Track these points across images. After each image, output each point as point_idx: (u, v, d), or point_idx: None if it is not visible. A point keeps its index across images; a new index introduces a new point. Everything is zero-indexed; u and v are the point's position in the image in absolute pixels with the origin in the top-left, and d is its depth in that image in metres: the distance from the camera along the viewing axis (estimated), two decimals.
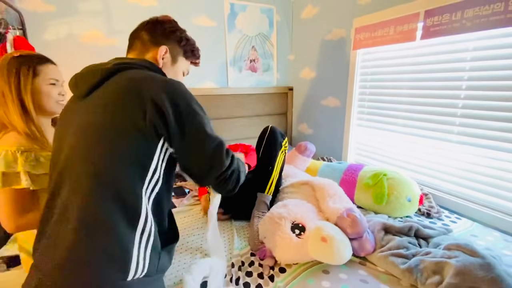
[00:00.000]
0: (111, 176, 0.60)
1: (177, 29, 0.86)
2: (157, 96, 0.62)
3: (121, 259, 0.58)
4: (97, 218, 0.58)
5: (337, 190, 1.13)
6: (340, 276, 0.89)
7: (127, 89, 0.64)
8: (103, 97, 0.65)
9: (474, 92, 1.22)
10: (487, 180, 1.23)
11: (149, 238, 0.64)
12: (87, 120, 0.65)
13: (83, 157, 0.62)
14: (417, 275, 0.82)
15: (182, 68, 0.89)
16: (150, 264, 0.64)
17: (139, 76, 0.67)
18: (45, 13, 1.59)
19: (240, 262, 0.97)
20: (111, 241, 0.58)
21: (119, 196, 0.60)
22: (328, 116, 2.09)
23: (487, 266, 0.76)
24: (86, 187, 0.59)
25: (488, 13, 1.09)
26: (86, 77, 0.70)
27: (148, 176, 0.64)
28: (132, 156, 0.62)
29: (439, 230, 1.03)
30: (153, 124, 0.62)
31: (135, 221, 0.61)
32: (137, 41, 0.82)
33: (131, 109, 0.62)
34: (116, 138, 0.61)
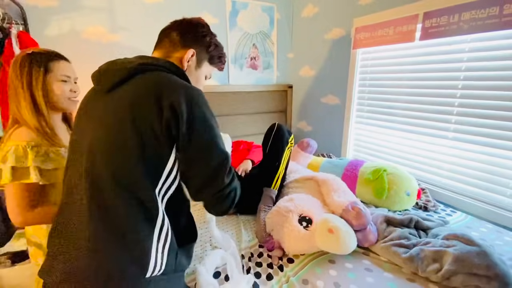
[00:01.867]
0: (129, 177, 0.62)
1: (207, 34, 0.85)
2: (175, 101, 0.63)
3: (141, 256, 0.61)
4: (116, 219, 0.61)
5: (341, 185, 1.18)
6: (346, 265, 0.94)
7: (149, 93, 0.65)
8: (126, 97, 0.66)
9: (469, 91, 1.28)
10: (481, 175, 1.29)
11: (166, 238, 0.67)
12: (109, 119, 0.65)
13: (103, 157, 0.63)
14: (418, 263, 0.88)
15: (205, 72, 0.89)
16: (168, 263, 0.66)
17: (162, 80, 0.67)
18: (47, 8, 1.58)
19: (250, 254, 1.01)
20: (131, 240, 0.61)
21: (137, 196, 0.62)
22: (327, 114, 2.14)
23: (483, 253, 0.82)
24: (106, 186, 0.61)
25: (484, 16, 1.15)
26: (110, 73, 0.71)
27: (162, 179, 0.66)
28: (148, 160, 0.63)
29: (437, 222, 1.09)
30: (168, 126, 0.63)
31: (154, 222, 0.64)
32: (167, 40, 0.81)
33: (151, 113, 0.62)
34: (134, 141, 0.62)
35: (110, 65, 0.73)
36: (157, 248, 0.64)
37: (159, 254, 0.64)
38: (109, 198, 0.61)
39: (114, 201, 0.61)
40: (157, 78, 0.68)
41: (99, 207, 0.61)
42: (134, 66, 0.68)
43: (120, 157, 0.62)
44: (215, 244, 1.08)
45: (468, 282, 0.78)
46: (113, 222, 0.61)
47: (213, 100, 2.12)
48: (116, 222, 0.61)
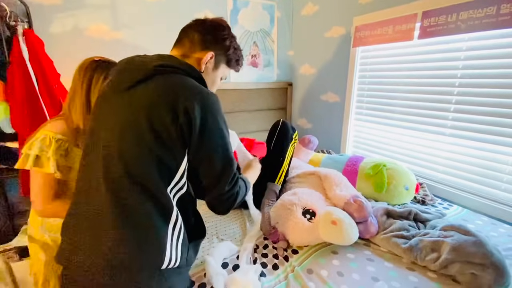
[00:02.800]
0: (144, 176, 0.64)
1: (228, 38, 0.84)
2: (190, 106, 0.65)
3: (157, 250, 0.64)
4: (134, 215, 0.63)
5: (342, 179, 1.22)
6: (348, 255, 0.98)
7: (167, 96, 0.66)
8: (144, 98, 0.67)
9: (466, 89, 1.32)
10: (476, 170, 1.34)
11: (180, 233, 0.70)
12: (126, 120, 0.67)
13: (119, 155, 0.65)
14: (417, 253, 0.92)
15: (221, 74, 0.89)
16: (182, 257, 0.70)
17: (180, 84, 0.69)
18: (51, 6, 1.59)
19: (255, 246, 1.05)
20: (148, 235, 0.64)
21: (153, 194, 0.65)
22: (327, 111, 2.17)
23: (478, 243, 0.86)
24: (122, 183, 0.63)
25: (481, 16, 1.18)
26: (128, 74, 0.72)
27: (175, 179, 0.69)
28: (163, 160, 0.66)
29: (435, 214, 1.14)
30: (181, 130, 0.65)
31: (168, 217, 0.67)
32: (187, 40, 0.82)
33: (167, 116, 0.64)
34: (150, 141, 0.64)
35: (129, 63, 0.74)
36: (171, 242, 0.67)
37: (173, 248, 0.67)
38: (126, 195, 0.63)
39: (131, 198, 0.63)
40: (175, 82, 0.69)
41: (117, 202, 0.63)
42: (153, 67, 0.69)
43: (136, 156, 0.65)
44: (222, 237, 1.11)
45: (465, 270, 0.83)
46: (131, 217, 0.63)
47: None
48: (133, 217, 0.63)
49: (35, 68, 1.30)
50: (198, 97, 0.67)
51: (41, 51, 1.36)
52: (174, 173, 0.68)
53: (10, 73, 1.23)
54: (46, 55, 1.42)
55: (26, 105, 1.24)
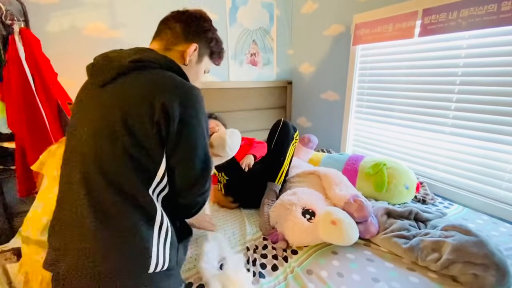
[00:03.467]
0: (121, 176, 0.62)
1: (210, 29, 0.83)
2: (167, 102, 0.61)
3: (141, 254, 0.61)
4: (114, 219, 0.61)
5: (342, 179, 1.21)
6: (348, 256, 0.97)
7: (143, 92, 0.63)
8: (119, 95, 0.65)
9: (467, 87, 1.31)
10: (477, 169, 1.33)
11: (166, 235, 0.67)
12: (100, 119, 0.64)
13: (94, 157, 0.62)
14: (418, 253, 0.91)
15: (204, 67, 0.87)
16: (171, 259, 0.67)
17: (157, 80, 0.65)
18: (48, 4, 1.57)
19: (254, 246, 1.04)
20: (130, 240, 0.61)
21: (132, 195, 0.62)
22: (327, 110, 2.16)
23: (480, 243, 0.85)
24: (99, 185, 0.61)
25: (482, 13, 1.17)
26: (104, 68, 0.68)
27: (156, 180, 0.65)
28: (140, 160, 0.62)
29: (435, 214, 1.13)
30: (158, 127, 0.62)
31: (152, 220, 0.64)
32: (168, 32, 0.78)
33: (142, 114, 0.61)
34: (127, 141, 0.61)
35: (105, 58, 0.70)
36: (158, 245, 0.64)
37: (160, 251, 0.64)
38: (103, 198, 0.61)
39: (108, 200, 0.61)
40: (151, 77, 0.66)
41: (95, 206, 0.61)
42: (128, 63, 0.66)
43: (112, 158, 0.62)
44: None
45: (466, 271, 0.82)
46: (110, 221, 0.61)
47: (213, 97, 2.13)
48: (113, 221, 0.61)
49: (32, 67, 1.29)
50: (177, 92, 0.64)
51: (38, 50, 1.35)
52: (154, 174, 0.65)
53: (6, 72, 1.22)
54: (43, 54, 1.40)
55: (23, 105, 1.22)
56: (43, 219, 0.97)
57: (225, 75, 2.22)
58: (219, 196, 1.38)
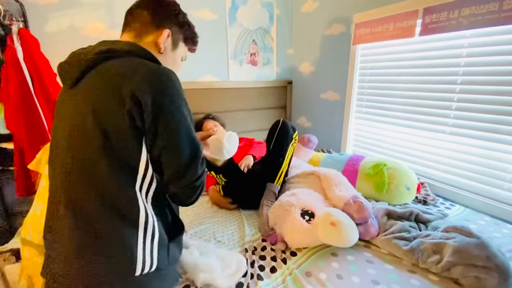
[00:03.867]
0: (100, 180, 0.59)
1: (180, 12, 0.79)
2: (136, 89, 0.57)
3: (125, 258, 0.60)
4: (94, 223, 0.59)
5: (342, 179, 1.20)
6: (348, 258, 0.96)
7: (108, 84, 0.60)
8: (85, 92, 0.62)
9: (468, 87, 1.30)
10: (479, 169, 1.31)
11: (153, 235, 0.64)
12: (74, 118, 0.62)
13: (73, 160, 0.60)
14: (418, 255, 0.90)
15: (181, 54, 0.83)
16: (160, 259, 0.65)
17: (122, 67, 0.61)
18: (47, 4, 1.57)
19: (253, 248, 1.03)
20: (112, 244, 0.59)
21: (111, 200, 0.59)
22: (327, 110, 2.15)
23: (482, 245, 0.84)
24: (78, 190, 0.60)
25: (484, 12, 1.16)
26: (70, 67, 0.66)
27: (139, 175, 0.62)
28: (118, 157, 0.59)
29: (436, 215, 1.11)
30: (131, 118, 0.58)
31: (135, 221, 0.61)
32: (137, 21, 0.73)
33: (111, 106, 0.58)
34: (100, 139, 0.58)
35: (70, 57, 0.68)
36: (144, 246, 0.62)
37: (147, 252, 0.62)
38: (82, 202, 0.59)
39: (87, 204, 0.59)
40: (116, 66, 0.62)
41: (74, 210, 0.59)
42: (92, 57, 0.63)
43: (88, 160, 0.59)
44: (219, 239, 1.10)
45: (468, 273, 0.80)
46: (90, 226, 0.59)
47: (213, 96, 2.12)
48: (92, 225, 0.59)
49: (30, 67, 1.28)
50: (146, 76, 0.59)
51: (36, 50, 1.35)
52: (135, 169, 0.61)
53: (4, 73, 1.22)
54: (42, 55, 1.40)
55: (20, 105, 1.22)
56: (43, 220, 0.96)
57: (225, 75, 2.21)
58: (218, 197, 1.38)
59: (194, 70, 2.03)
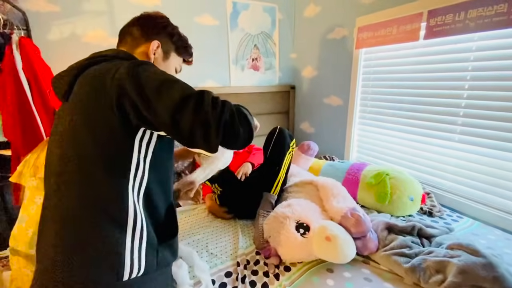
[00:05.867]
0: (89, 180, 0.59)
1: (168, 24, 0.83)
2: (119, 83, 0.57)
3: (112, 261, 0.58)
4: (81, 223, 0.58)
5: (340, 190, 1.14)
6: (344, 274, 0.91)
7: (91, 87, 0.61)
8: (75, 98, 0.64)
9: (476, 92, 1.23)
10: (488, 179, 1.24)
11: (142, 236, 0.63)
12: (65, 123, 0.64)
13: (63, 162, 0.61)
14: (420, 274, 0.84)
15: (174, 64, 0.86)
16: (148, 262, 0.63)
17: (102, 70, 0.62)
18: (49, 13, 1.59)
19: (246, 261, 0.99)
20: (100, 246, 0.58)
21: (102, 200, 0.59)
22: (330, 115, 2.10)
23: (489, 265, 0.77)
24: (68, 193, 0.59)
25: (492, 14, 1.10)
26: (62, 78, 0.68)
27: (131, 174, 0.62)
28: (109, 156, 0.60)
29: (441, 230, 1.05)
30: (123, 115, 0.58)
31: (123, 222, 0.60)
32: (128, 36, 0.79)
33: (99, 107, 0.59)
34: (89, 138, 0.59)
35: (62, 71, 0.71)
36: (132, 249, 0.60)
37: (135, 255, 0.61)
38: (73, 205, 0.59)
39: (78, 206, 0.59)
40: (98, 70, 0.63)
41: (61, 214, 0.59)
42: (78, 66, 0.66)
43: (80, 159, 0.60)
44: (212, 251, 1.06)
45: None
46: (78, 228, 0.58)
47: None
48: (80, 227, 0.58)
49: (29, 76, 1.29)
50: (125, 65, 0.59)
51: (36, 58, 1.36)
52: (127, 167, 0.61)
53: (2, 81, 1.23)
54: (43, 62, 1.41)
55: (17, 113, 1.22)
56: (29, 232, 0.95)
57: (226, 80, 2.20)
58: (214, 206, 1.35)
59: (194, 75, 2.02)
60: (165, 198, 0.74)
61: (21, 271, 0.95)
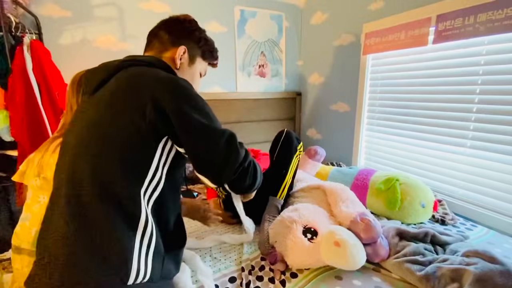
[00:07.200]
0: (107, 177, 0.58)
1: (196, 29, 0.84)
2: (158, 94, 0.60)
3: (120, 264, 0.56)
4: (94, 222, 0.56)
5: (349, 195, 1.11)
6: (354, 282, 0.86)
7: (128, 86, 0.63)
8: (106, 93, 0.65)
9: (488, 96, 1.20)
10: (503, 186, 1.19)
11: (150, 242, 0.62)
12: (90, 117, 0.64)
13: (81, 156, 0.60)
14: (434, 283, 0.80)
15: (199, 69, 0.88)
16: (154, 269, 0.61)
17: (142, 73, 0.65)
18: (61, 18, 1.63)
19: (250, 266, 0.96)
20: (109, 245, 0.56)
21: (117, 199, 0.58)
22: (337, 121, 2.08)
23: (507, 272, 0.73)
24: (84, 187, 0.58)
25: (502, 17, 1.08)
26: (96, 73, 0.70)
27: (147, 178, 0.62)
28: (130, 157, 0.60)
29: (455, 237, 1.00)
30: (153, 123, 0.60)
31: (135, 224, 0.59)
32: (156, 40, 0.80)
33: (131, 107, 0.60)
34: (114, 136, 0.60)
35: (98, 66, 0.73)
36: (139, 252, 0.59)
37: (142, 259, 0.59)
38: (86, 201, 0.57)
39: (92, 203, 0.57)
40: (138, 71, 0.66)
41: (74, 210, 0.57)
42: (116, 64, 0.68)
43: (100, 158, 0.59)
44: (215, 255, 1.03)
45: None
46: (90, 226, 0.56)
47: (220, 108, 2.11)
48: (92, 224, 0.56)
49: (39, 77, 1.31)
50: (165, 83, 0.63)
51: (47, 61, 1.38)
52: (144, 172, 0.61)
53: (11, 81, 1.25)
54: (53, 65, 1.44)
55: (25, 114, 1.24)
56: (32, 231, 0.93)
57: (232, 87, 2.20)
58: (218, 210, 1.32)
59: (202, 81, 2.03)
60: (175, 207, 0.74)
61: (23, 270, 0.93)
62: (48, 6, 1.59)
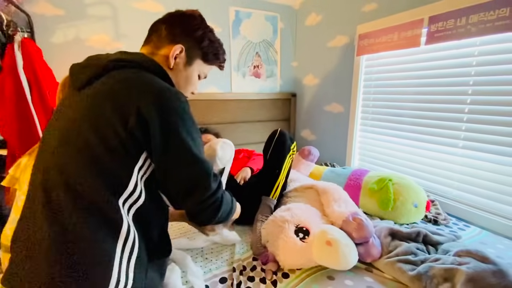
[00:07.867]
0: (84, 184, 0.56)
1: (200, 27, 0.76)
2: (143, 105, 0.57)
3: (99, 271, 0.54)
4: (71, 228, 0.54)
5: (342, 194, 1.11)
6: (346, 282, 0.86)
7: (115, 92, 0.59)
8: (91, 96, 0.61)
9: (480, 97, 1.21)
10: (496, 187, 1.20)
11: (132, 249, 0.59)
12: (71, 119, 0.60)
13: (59, 162, 0.57)
14: (426, 282, 0.79)
15: (197, 71, 0.80)
16: (136, 279, 0.58)
17: (132, 80, 0.61)
18: (53, 16, 1.61)
19: (242, 267, 0.94)
20: (87, 252, 0.54)
21: (95, 205, 0.56)
22: (331, 122, 2.08)
23: (499, 272, 0.73)
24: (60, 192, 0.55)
25: (494, 18, 1.09)
26: (83, 68, 0.66)
27: (127, 191, 0.59)
28: (108, 166, 0.57)
29: (448, 237, 1.00)
30: (134, 135, 0.57)
31: (116, 231, 0.57)
32: (154, 35, 0.74)
33: (114, 115, 0.57)
34: (93, 144, 0.56)
35: (85, 61, 0.69)
36: (120, 262, 0.56)
37: (123, 269, 0.56)
38: (62, 206, 0.54)
39: (68, 209, 0.54)
40: (127, 77, 0.61)
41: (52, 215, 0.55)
42: (105, 63, 0.63)
43: (77, 164, 0.56)
44: (207, 256, 1.02)
45: None
46: (67, 231, 0.54)
47: (215, 108, 2.10)
48: (71, 231, 0.54)
49: (29, 76, 1.29)
50: (155, 94, 0.59)
51: (38, 59, 1.36)
52: (125, 183, 0.59)
53: (1, 79, 1.22)
54: (44, 63, 1.41)
55: (15, 112, 1.22)
56: None
57: (227, 87, 2.20)
58: None
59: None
60: (160, 218, 0.72)
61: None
62: (41, 4, 1.57)
